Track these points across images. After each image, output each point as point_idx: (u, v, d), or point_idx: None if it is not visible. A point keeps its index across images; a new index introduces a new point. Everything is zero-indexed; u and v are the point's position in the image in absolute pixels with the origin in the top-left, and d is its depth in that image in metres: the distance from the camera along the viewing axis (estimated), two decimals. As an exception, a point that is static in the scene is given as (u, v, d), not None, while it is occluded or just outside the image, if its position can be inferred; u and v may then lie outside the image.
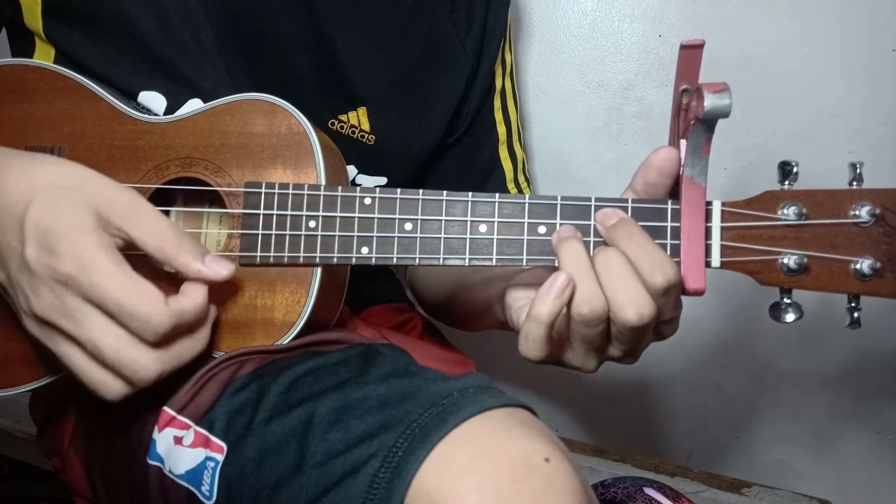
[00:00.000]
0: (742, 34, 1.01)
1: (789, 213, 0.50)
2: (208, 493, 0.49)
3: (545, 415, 1.25)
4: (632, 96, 1.07)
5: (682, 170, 0.52)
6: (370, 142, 0.75)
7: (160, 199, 0.61)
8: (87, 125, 0.60)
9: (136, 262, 0.49)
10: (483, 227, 0.54)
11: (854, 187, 0.51)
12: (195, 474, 0.50)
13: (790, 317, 0.51)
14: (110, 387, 0.48)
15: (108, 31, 0.64)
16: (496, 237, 0.54)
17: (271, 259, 0.56)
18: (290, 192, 0.56)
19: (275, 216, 0.56)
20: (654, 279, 0.48)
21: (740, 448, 1.19)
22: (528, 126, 1.10)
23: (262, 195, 0.57)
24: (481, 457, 0.41)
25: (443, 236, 0.55)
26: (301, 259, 0.56)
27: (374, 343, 0.59)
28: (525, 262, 0.54)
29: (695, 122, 0.48)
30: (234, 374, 0.54)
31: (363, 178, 0.77)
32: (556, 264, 0.52)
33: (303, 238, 0.56)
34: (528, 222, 0.54)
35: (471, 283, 0.73)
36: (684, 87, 0.51)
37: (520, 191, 0.89)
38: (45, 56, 0.66)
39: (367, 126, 0.74)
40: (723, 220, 0.52)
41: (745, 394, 1.16)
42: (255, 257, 0.57)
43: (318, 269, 0.57)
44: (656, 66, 1.05)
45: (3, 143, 0.54)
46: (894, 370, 1.08)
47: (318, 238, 0.56)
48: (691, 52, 0.50)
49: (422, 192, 0.55)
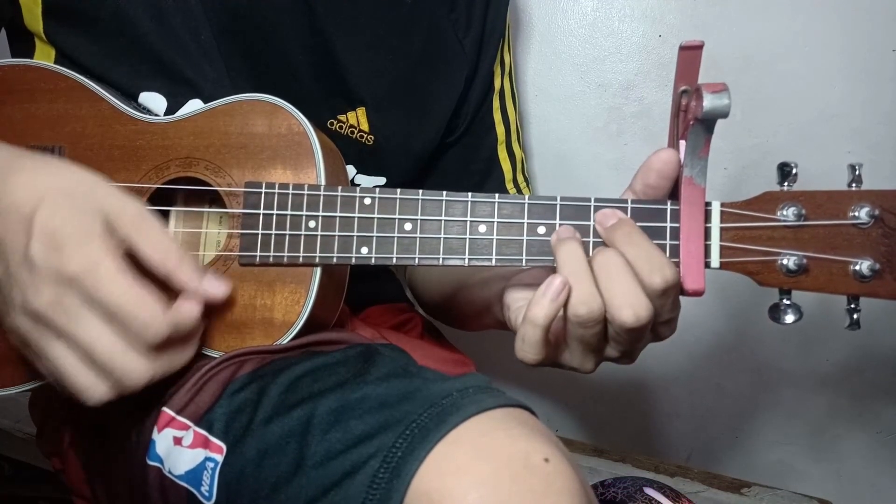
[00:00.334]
0: (742, 34, 1.01)
1: (788, 213, 0.50)
2: (208, 494, 0.49)
3: (545, 415, 1.25)
4: (632, 96, 1.07)
5: (681, 170, 0.52)
6: (369, 142, 0.75)
7: (160, 198, 0.61)
8: (87, 125, 0.61)
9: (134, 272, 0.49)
10: (482, 228, 0.54)
11: (853, 189, 0.51)
12: (195, 475, 0.50)
13: (789, 318, 0.51)
14: (96, 390, 0.48)
15: (108, 31, 0.64)
16: (496, 237, 0.54)
17: (271, 259, 0.56)
18: (290, 192, 0.56)
19: (274, 216, 0.56)
20: (652, 280, 0.48)
21: (740, 448, 1.19)
22: (528, 126, 1.10)
23: (262, 195, 0.57)
24: (480, 457, 0.41)
25: (442, 236, 0.55)
26: (300, 259, 0.56)
27: (373, 343, 0.59)
28: (524, 262, 0.54)
29: (694, 122, 0.48)
30: (233, 374, 0.54)
31: (362, 178, 0.77)
32: (555, 265, 0.52)
33: (302, 238, 0.56)
34: (528, 223, 0.54)
35: (470, 282, 0.73)
36: (684, 87, 0.51)
37: (519, 191, 0.89)
38: (45, 57, 0.66)
39: (366, 126, 0.74)
40: (722, 221, 0.52)
41: (745, 394, 1.16)
42: (255, 257, 0.57)
43: (318, 270, 0.57)
44: (656, 66, 1.05)
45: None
46: (894, 370, 1.08)
47: (318, 238, 0.56)
48: (691, 53, 0.50)
49: (421, 192, 0.55)
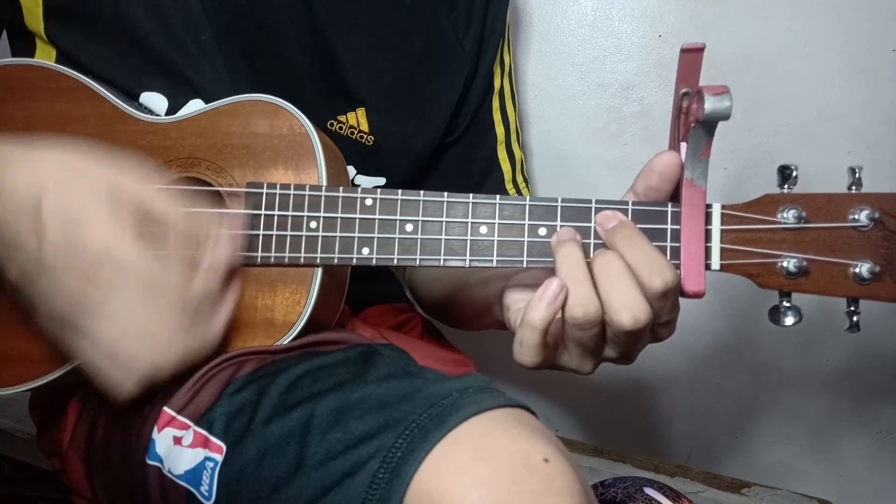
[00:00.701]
0: (742, 34, 1.01)
1: (789, 216, 0.51)
2: (207, 494, 0.49)
3: (545, 415, 1.25)
4: (632, 96, 1.07)
5: (682, 172, 0.52)
6: (369, 142, 0.75)
7: (161, 199, 0.61)
8: (89, 125, 0.60)
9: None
10: (483, 229, 0.55)
11: (853, 191, 0.51)
12: (194, 474, 0.50)
13: (789, 320, 0.51)
14: (124, 388, 0.48)
15: (108, 32, 0.64)
16: (496, 239, 0.54)
17: (272, 259, 0.57)
18: (292, 192, 0.56)
19: (276, 216, 0.57)
20: (651, 283, 0.48)
21: (740, 448, 1.19)
22: (528, 126, 1.10)
23: (264, 195, 0.57)
24: (480, 457, 0.41)
25: (443, 237, 0.55)
26: (302, 259, 0.56)
27: (373, 343, 0.59)
28: (525, 263, 0.54)
29: (695, 124, 0.48)
30: (233, 374, 0.54)
31: (362, 179, 0.77)
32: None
33: (304, 238, 0.56)
34: (529, 224, 0.54)
35: (470, 282, 0.73)
36: (685, 90, 0.51)
37: (518, 191, 0.89)
38: (46, 57, 0.66)
39: (366, 126, 0.74)
40: (722, 223, 0.52)
41: (745, 394, 1.16)
42: (256, 257, 0.57)
43: (319, 270, 0.57)
44: (656, 66, 1.05)
45: None
46: (894, 371, 1.08)
47: (319, 239, 0.56)
48: (692, 56, 0.50)
49: (423, 193, 0.55)
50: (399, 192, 0.55)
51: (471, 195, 0.55)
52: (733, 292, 1.08)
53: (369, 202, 0.56)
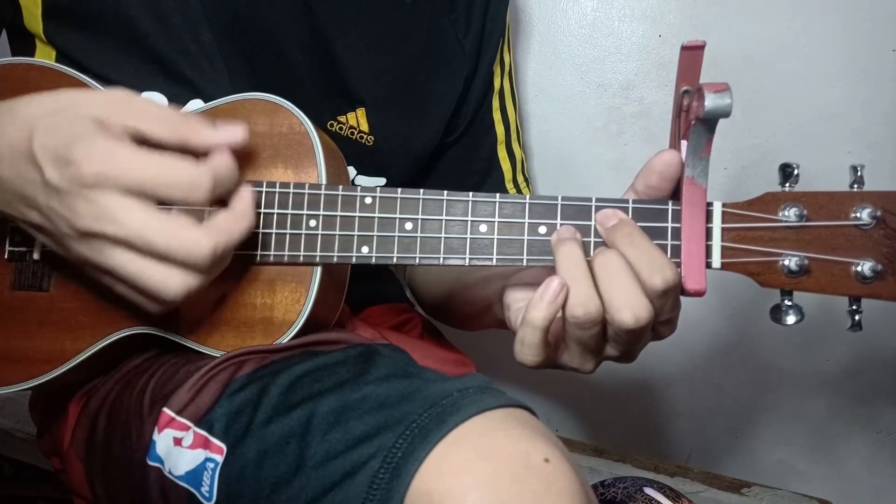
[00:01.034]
0: (742, 34, 1.01)
1: (790, 214, 0.50)
2: (208, 494, 0.49)
3: (545, 415, 1.25)
4: (632, 96, 1.07)
5: (682, 170, 0.52)
6: (369, 142, 0.75)
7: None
8: (87, 125, 0.60)
9: None
10: (483, 227, 0.54)
11: (855, 189, 0.51)
12: (195, 475, 0.50)
13: (791, 319, 0.51)
14: (171, 280, 0.47)
15: (108, 32, 0.64)
16: (496, 237, 0.54)
17: (271, 258, 0.56)
18: (291, 191, 0.56)
19: (275, 215, 0.56)
20: (652, 281, 0.48)
21: (740, 448, 1.19)
22: (528, 126, 1.10)
23: (263, 194, 0.57)
24: (481, 457, 0.41)
25: (443, 236, 0.55)
26: (301, 258, 0.56)
27: (373, 343, 0.59)
28: (525, 262, 0.54)
29: (696, 122, 0.48)
30: (233, 374, 0.54)
31: (362, 179, 0.77)
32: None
33: (303, 237, 0.56)
34: (529, 222, 0.54)
35: (470, 282, 0.72)
36: (685, 88, 0.51)
37: (519, 191, 0.89)
38: (45, 57, 0.66)
39: (365, 127, 0.74)
40: (723, 221, 0.52)
41: (745, 394, 1.16)
42: (255, 256, 0.56)
43: (318, 269, 0.57)
44: (656, 66, 1.05)
45: None
46: (894, 371, 1.08)
47: (319, 237, 0.56)
48: (692, 54, 0.50)
49: (422, 191, 0.55)
50: (399, 190, 0.55)
51: (470, 193, 0.55)
52: (734, 292, 1.08)
53: (369, 200, 0.56)
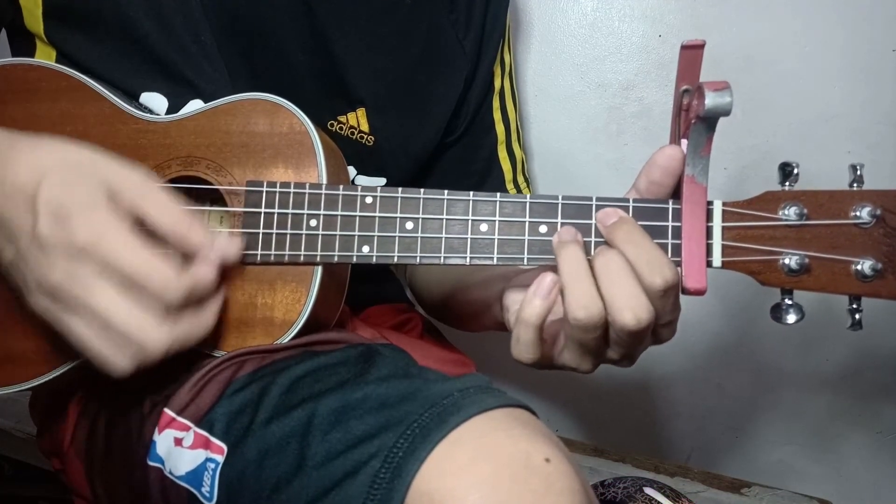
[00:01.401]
0: (742, 34, 1.01)
1: (790, 213, 0.50)
2: (208, 495, 0.49)
3: (545, 415, 1.25)
4: (632, 96, 1.07)
5: (683, 169, 0.52)
6: (369, 143, 0.75)
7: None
8: (89, 124, 0.60)
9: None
10: (484, 227, 0.54)
11: (855, 188, 0.51)
12: (195, 475, 0.50)
13: (791, 318, 0.51)
14: (118, 360, 0.48)
15: (108, 32, 0.64)
16: (497, 236, 0.54)
17: (272, 258, 0.56)
18: (292, 190, 0.56)
19: (276, 215, 0.56)
20: (652, 281, 0.48)
21: (740, 448, 1.19)
22: (528, 126, 1.10)
23: (264, 194, 0.57)
24: (481, 457, 0.41)
25: (444, 235, 0.55)
26: (302, 258, 0.56)
27: (373, 343, 0.59)
28: (526, 261, 0.54)
29: (696, 120, 0.48)
30: (233, 374, 0.54)
31: (362, 179, 0.77)
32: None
33: (304, 237, 0.56)
34: (530, 221, 0.54)
35: (470, 282, 0.72)
36: (685, 87, 0.51)
37: (519, 191, 0.89)
38: (46, 57, 0.66)
39: (366, 127, 0.74)
40: (724, 220, 0.52)
41: (745, 394, 1.16)
42: (256, 256, 0.56)
43: (319, 268, 0.57)
44: (656, 66, 1.05)
45: None
46: (894, 370, 1.08)
47: (319, 237, 0.56)
48: (692, 53, 0.50)
49: (423, 191, 0.55)
50: (399, 189, 0.55)
51: (471, 192, 0.55)
52: (734, 292, 1.08)
53: (369, 200, 0.56)
